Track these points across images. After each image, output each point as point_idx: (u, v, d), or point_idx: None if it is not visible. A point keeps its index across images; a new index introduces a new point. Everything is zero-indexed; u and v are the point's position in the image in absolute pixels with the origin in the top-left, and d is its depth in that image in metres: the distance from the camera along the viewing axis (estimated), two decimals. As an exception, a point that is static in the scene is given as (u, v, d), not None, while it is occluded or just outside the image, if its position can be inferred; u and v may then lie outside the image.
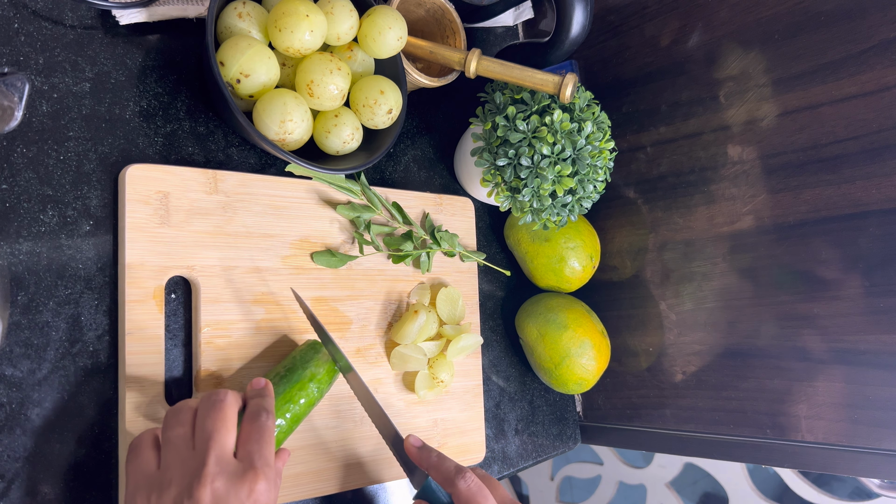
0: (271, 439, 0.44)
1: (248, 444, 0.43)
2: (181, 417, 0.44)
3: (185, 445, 0.43)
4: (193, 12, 0.55)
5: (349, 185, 0.62)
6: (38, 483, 0.46)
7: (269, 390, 0.48)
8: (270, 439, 0.44)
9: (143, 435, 0.45)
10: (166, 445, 0.43)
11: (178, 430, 0.43)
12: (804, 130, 0.65)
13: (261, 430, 0.44)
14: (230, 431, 0.43)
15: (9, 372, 0.45)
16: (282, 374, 0.53)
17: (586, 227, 0.76)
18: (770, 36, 0.66)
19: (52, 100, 0.49)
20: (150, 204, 0.51)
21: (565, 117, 0.61)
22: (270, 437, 0.44)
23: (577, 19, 0.63)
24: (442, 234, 0.68)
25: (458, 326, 0.67)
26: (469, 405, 0.69)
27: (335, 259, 0.60)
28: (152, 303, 0.50)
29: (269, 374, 0.54)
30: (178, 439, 0.43)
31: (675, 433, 0.76)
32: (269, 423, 0.45)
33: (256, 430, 0.44)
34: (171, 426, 0.44)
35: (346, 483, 0.59)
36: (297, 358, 0.54)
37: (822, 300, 0.64)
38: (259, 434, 0.44)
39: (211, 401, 0.44)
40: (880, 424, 0.61)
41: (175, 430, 0.43)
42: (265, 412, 0.46)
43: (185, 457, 0.42)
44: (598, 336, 0.73)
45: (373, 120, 0.58)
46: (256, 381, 0.49)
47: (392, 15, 0.57)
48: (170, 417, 0.44)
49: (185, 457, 0.42)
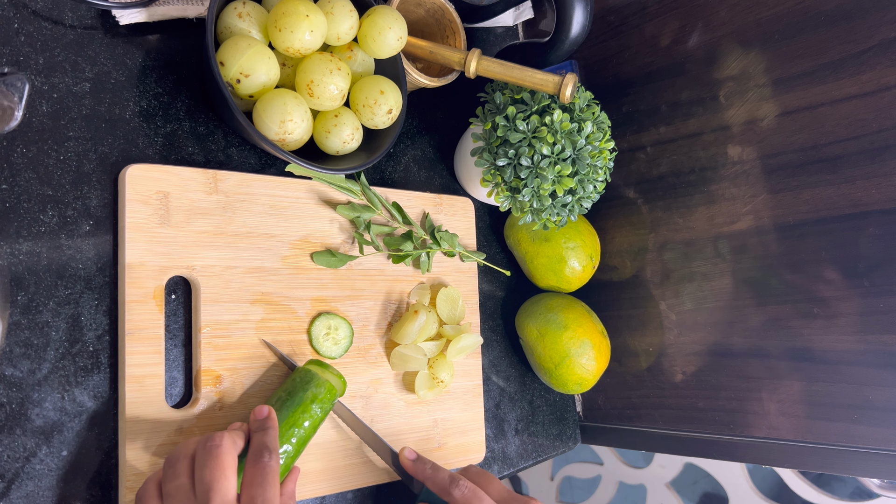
0: (275, 480, 0.44)
1: (251, 489, 0.43)
2: (178, 469, 0.43)
3: (186, 498, 0.42)
4: (193, 12, 0.55)
5: (349, 185, 0.62)
6: (39, 483, 0.46)
7: (272, 421, 0.48)
8: (274, 480, 0.44)
9: (146, 485, 0.44)
10: (167, 499, 0.42)
11: (176, 483, 0.43)
12: (804, 130, 0.65)
13: (264, 473, 0.44)
14: (229, 479, 0.42)
15: (9, 372, 0.45)
16: (283, 398, 0.52)
17: (586, 227, 0.76)
18: (770, 36, 0.66)
19: (52, 100, 0.49)
20: (150, 204, 0.51)
21: (565, 117, 0.61)
22: (274, 477, 0.44)
23: (577, 19, 0.63)
24: (442, 234, 0.68)
25: (458, 326, 0.67)
26: (469, 405, 0.69)
27: (335, 259, 0.60)
28: (152, 303, 0.50)
29: (270, 400, 0.53)
30: (178, 492, 0.42)
31: (676, 433, 0.76)
32: (271, 463, 0.44)
33: (260, 473, 0.44)
34: (169, 478, 0.43)
35: (345, 483, 0.59)
36: (296, 380, 0.53)
37: (821, 300, 0.64)
38: (262, 477, 0.43)
39: (207, 448, 0.43)
40: (880, 424, 0.61)
41: (173, 483, 0.43)
42: (267, 452, 0.45)
43: None
44: (598, 336, 0.73)
45: (373, 120, 0.58)
46: (259, 411, 0.48)
47: (392, 15, 0.57)
48: (167, 469, 0.44)
49: None
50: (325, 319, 0.59)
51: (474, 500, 0.52)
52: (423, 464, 0.57)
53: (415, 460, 0.57)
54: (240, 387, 0.54)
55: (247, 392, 0.54)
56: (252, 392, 0.55)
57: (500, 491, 0.55)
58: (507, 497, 0.55)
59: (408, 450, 0.58)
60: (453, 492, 0.53)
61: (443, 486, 0.54)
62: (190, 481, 0.43)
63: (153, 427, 0.49)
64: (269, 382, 0.56)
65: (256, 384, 0.55)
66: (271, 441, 0.46)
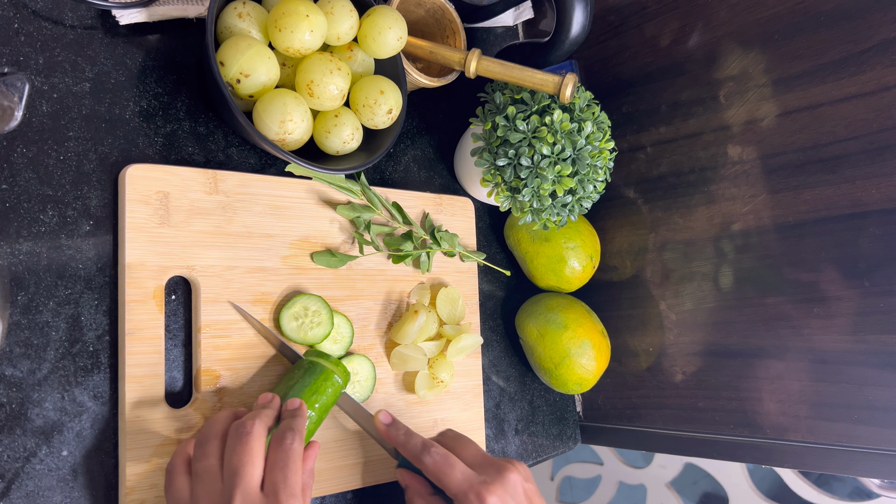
0: (297, 464, 0.45)
1: (273, 473, 0.44)
2: (208, 449, 0.45)
3: (213, 479, 0.43)
4: (193, 12, 0.55)
5: (349, 185, 0.62)
6: (39, 483, 0.46)
7: (302, 411, 0.49)
8: (296, 465, 0.44)
9: (175, 460, 0.46)
10: (195, 478, 0.44)
11: (205, 463, 0.44)
12: (804, 130, 0.65)
13: (286, 457, 0.44)
14: (256, 465, 0.44)
15: (9, 372, 0.45)
16: (305, 367, 0.54)
17: (586, 227, 0.76)
18: (770, 36, 0.66)
19: (52, 100, 0.49)
20: (150, 204, 0.51)
21: (565, 117, 0.61)
22: (296, 462, 0.45)
23: (577, 19, 0.63)
24: (442, 234, 0.68)
25: (458, 326, 0.67)
26: (469, 405, 0.69)
27: (335, 259, 0.60)
28: (152, 303, 0.50)
29: (291, 372, 0.54)
30: (206, 473, 0.44)
31: (675, 433, 0.76)
32: (294, 445, 0.45)
33: (282, 456, 0.44)
34: (199, 458, 0.45)
35: (345, 483, 0.59)
36: (306, 363, 0.55)
37: (822, 300, 0.64)
38: (284, 461, 0.44)
39: (238, 434, 0.45)
40: (880, 424, 0.61)
41: (202, 463, 0.44)
42: (291, 433, 0.46)
43: (212, 491, 0.43)
44: (598, 336, 0.73)
45: (373, 120, 0.58)
46: (291, 402, 0.49)
47: (392, 15, 0.57)
48: (198, 447, 0.45)
49: (213, 491, 0.43)
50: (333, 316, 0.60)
51: (445, 468, 0.51)
52: (398, 429, 0.55)
53: (389, 425, 0.55)
54: (239, 386, 0.54)
55: (246, 391, 0.54)
56: (252, 391, 0.55)
57: (474, 455, 0.54)
58: (481, 461, 0.53)
59: (383, 413, 0.55)
60: (424, 459, 0.52)
61: (415, 453, 0.53)
62: (219, 462, 0.44)
63: (153, 427, 0.49)
64: (269, 381, 0.56)
65: (256, 383, 0.55)
66: (298, 425, 0.47)
